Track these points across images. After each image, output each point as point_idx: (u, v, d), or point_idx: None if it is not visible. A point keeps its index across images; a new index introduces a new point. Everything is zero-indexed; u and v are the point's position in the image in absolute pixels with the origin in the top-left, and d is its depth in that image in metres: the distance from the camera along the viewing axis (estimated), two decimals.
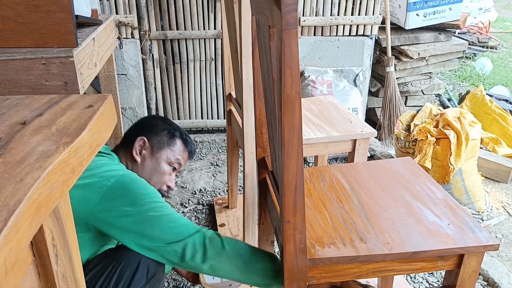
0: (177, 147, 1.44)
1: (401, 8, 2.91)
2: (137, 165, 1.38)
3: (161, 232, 1.09)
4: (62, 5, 1.52)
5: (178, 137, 1.45)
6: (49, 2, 1.52)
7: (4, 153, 0.49)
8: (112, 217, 1.10)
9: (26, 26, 1.56)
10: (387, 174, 1.32)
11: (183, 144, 1.46)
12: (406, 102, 3.12)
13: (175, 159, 1.43)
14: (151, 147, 1.40)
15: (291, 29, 0.77)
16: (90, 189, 1.12)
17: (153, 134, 1.41)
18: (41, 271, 0.51)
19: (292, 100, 0.82)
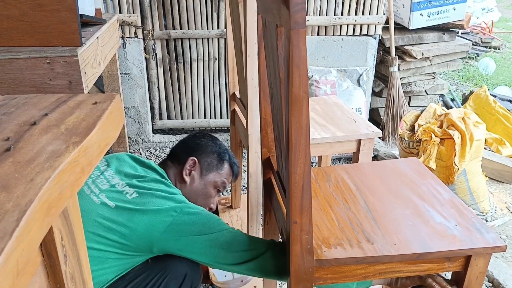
0: (225, 171, 1.44)
1: (405, 8, 2.90)
2: (185, 185, 1.38)
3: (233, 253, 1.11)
4: (67, 4, 1.52)
5: (227, 161, 1.45)
6: (54, 1, 1.52)
7: (14, 152, 0.49)
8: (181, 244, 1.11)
9: (31, 25, 1.56)
10: (393, 175, 1.31)
11: (230, 168, 1.46)
12: (410, 102, 3.11)
13: (221, 182, 1.43)
14: (201, 168, 1.39)
15: (300, 28, 0.76)
16: (156, 217, 1.12)
17: (204, 156, 1.41)
18: (50, 272, 0.50)
19: (300, 100, 0.82)
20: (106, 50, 2.01)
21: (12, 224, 0.36)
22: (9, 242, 0.33)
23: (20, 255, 0.35)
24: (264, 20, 1.04)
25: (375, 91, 3.04)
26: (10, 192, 0.41)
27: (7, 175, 0.44)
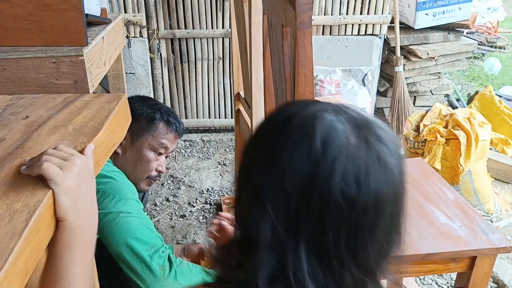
0: (159, 131, 1.35)
1: (410, 7, 2.89)
2: (119, 157, 1.32)
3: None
4: (73, 4, 1.52)
5: (159, 120, 1.35)
6: (60, 1, 1.52)
7: (22, 152, 0.49)
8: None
9: (37, 25, 1.56)
10: None
11: (166, 125, 1.36)
12: (415, 102, 3.10)
13: (158, 144, 1.34)
14: (130, 135, 1.32)
15: (306, 28, 0.76)
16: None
17: (133, 119, 1.36)
18: None
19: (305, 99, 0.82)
20: (111, 50, 2.01)
21: (21, 224, 0.36)
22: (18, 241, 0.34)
23: (29, 255, 0.36)
24: (269, 20, 1.05)
25: (380, 91, 3.03)
26: (18, 192, 0.41)
27: (16, 175, 0.44)
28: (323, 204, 0.47)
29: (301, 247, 0.48)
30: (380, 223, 0.51)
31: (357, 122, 0.49)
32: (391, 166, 0.50)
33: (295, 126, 0.50)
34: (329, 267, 0.49)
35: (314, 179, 0.47)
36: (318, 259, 0.48)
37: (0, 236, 0.34)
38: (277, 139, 0.50)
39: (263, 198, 0.49)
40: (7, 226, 0.36)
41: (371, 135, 0.49)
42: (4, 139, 0.51)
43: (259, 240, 0.48)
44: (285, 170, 0.48)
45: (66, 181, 0.46)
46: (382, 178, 0.49)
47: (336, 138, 0.48)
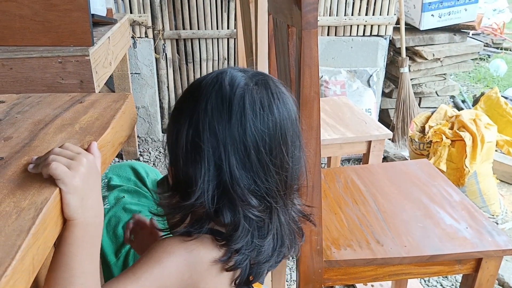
0: None
1: (416, 8, 2.88)
2: None
3: None
4: (79, 4, 1.53)
5: None
6: (66, 1, 1.53)
7: (28, 150, 0.49)
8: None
9: (43, 25, 1.57)
10: (403, 176, 1.30)
11: None
12: (420, 104, 3.09)
13: None
14: None
15: (312, 28, 0.76)
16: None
17: None
18: None
19: (311, 100, 0.82)
20: (117, 50, 2.02)
21: (29, 222, 0.36)
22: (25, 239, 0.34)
23: (36, 253, 0.36)
24: (275, 20, 1.05)
25: (385, 92, 3.02)
26: (25, 190, 0.41)
27: (23, 173, 0.45)
28: (244, 133, 0.61)
29: (235, 174, 0.62)
30: (285, 149, 0.65)
31: (258, 75, 0.67)
32: (288, 101, 0.67)
33: (207, 82, 0.64)
34: (258, 179, 0.64)
35: (229, 117, 0.61)
36: (248, 175, 0.63)
37: (8, 234, 0.35)
38: (195, 95, 0.64)
39: (200, 144, 0.62)
40: (14, 224, 0.36)
41: (270, 82, 0.66)
42: (11, 137, 0.52)
43: (196, 178, 0.62)
44: (204, 114, 0.62)
45: (74, 180, 0.46)
46: (282, 110, 0.65)
47: (240, 82, 0.63)
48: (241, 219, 0.63)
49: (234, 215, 0.63)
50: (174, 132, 0.65)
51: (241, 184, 0.62)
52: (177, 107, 0.66)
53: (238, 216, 0.63)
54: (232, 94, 0.62)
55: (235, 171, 0.62)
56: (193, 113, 0.62)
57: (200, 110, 0.62)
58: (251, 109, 0.62)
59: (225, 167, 0.62)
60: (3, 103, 0.64)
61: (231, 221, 0.63)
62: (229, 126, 0.61)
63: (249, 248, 0.65)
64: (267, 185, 0.64)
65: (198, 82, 0.66)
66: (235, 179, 0.62)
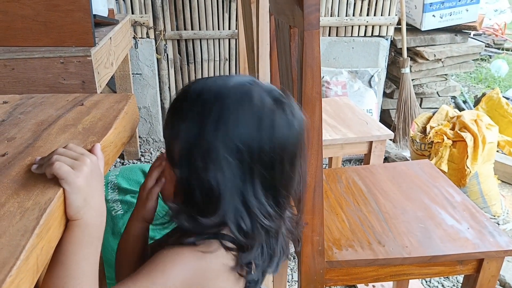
0: None
1: (417, 9, 2.88)
2: None
3: None
4: (81, 5, 1.53)
5: None
6: (68, 2, 1.53)
7: (32, 151, 0.50)
8: None
9: (45, 25, 1.58)
10: (405, 177, 1.30)
11: None
12: (421, 104, 3.09)
13: None
14: None
15: (313, 29, 0.77)
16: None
17: None
18: None
19: (313, 100, 0.82)
20: (118, 50, 2.02)
21: (33, 222, 0.36)
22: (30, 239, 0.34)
23: (39, 253, 0.36)
24: (276, 21, 1.05)
25: (386, 93, 3.02)
26: (29, 191, 0.41)
27: (26, 173, 0.45)
28: (268, 149, 0.63)
29: (258, 188, 0.63)
30: (295, 159, 0.69)
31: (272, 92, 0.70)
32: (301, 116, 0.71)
33: (235, 94, 0.65)
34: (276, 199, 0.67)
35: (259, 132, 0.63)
36: (269, 194, 0.65)
37: (12, 234, 0.35)
38: (222, 105, 0.63)
39: (217, 155, 0.61)
40: (18, 224, 0.36)
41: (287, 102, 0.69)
42: (15, 138, 0.52)
43: (221, 190, 0.61)
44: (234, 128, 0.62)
45: (78, 180, 0.47)
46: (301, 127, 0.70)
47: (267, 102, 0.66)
48: (258, 228, 0.64)
49: (252, 224, 0.64)
50: (195, 133, 0.62)
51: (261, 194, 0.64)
52: (197, 106, 0.64)
53: (255, 225, 0.64)
54: (264, 112, 0.65)
55: (258, 183, 0.64)
56: (220, 118, 0.63)
57: (231, 118, 0.63)
58: (279, 127, 0.66)
59: (248, 177, 0.63)
60: (6, 103, 0.64)
61: (250, 231, 0.64)
62: (259, 139, 0.63)
63: (262, 257, 0.67)
64: (281, 195, 0.67)
65: (223, 87, 0.66)
66: (257, 190, 0.64)
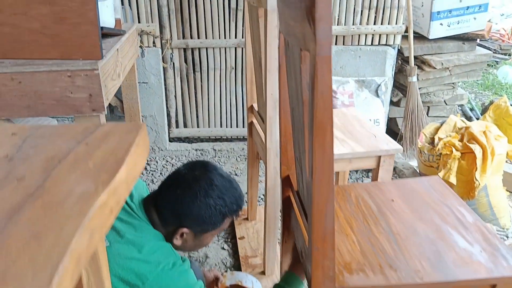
0: (225, 224, 1.29)
1: (425, 17, 2.86)
2: (174, 244, 1.25)
3: None
4: (88, 18, 1.52)
5: (229, 216, 1.27)
6: (75, 15, 1.53)
7: (43, 193, 0.48)
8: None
9: (52, 38, 1.57)
10: (415, 195, 1.29)
11: (234, 216, 1.30)
12: (428, 113, 3.06)
13: (221, 231, 1.30)
14: (193, 234, 1.25)
15: (325, 54, 0.75)
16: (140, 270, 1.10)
17: (198, 223, 1.22)
18: None
19: (324, 125, 0.80)
20: (125, 61, 2.02)
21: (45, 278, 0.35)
22: None
23: None
24: (286, 41, 1.03)
25: (393, 101, 3.00)
26: (40, 242, 0.40)
27: (38, 220, 0.44)
28: None
29: None
30: None
31: None
32: None
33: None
34: None
35: None
36: None
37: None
38: None
39: None
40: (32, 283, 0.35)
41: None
42: (24, 177, 0.51)
43: None
44: None
45: None
46: None
47: None
48: None
49: None
50: None
51: None
52: None
53: None
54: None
55: None
56: None
57: None
58: None
59: None
60: (15, 135, 0.63)
61: None
62: None
63: None
64: None
65: None
66: None
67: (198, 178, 1.22)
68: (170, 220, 1.22)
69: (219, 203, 1.22)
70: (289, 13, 0.89)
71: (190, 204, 1.20)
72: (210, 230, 1.26)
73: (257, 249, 1.91)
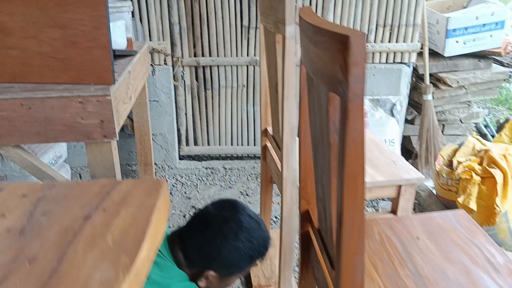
0: (253, 265, 1.28)
1: (440, 34, 2.81)
2: (200, 286, 1.22)
3: None
4: (100, 42, 1.48)
5: (257, 257, 1.25)
6: (87, 39, 1.49)
7: (57, 280, 0.43)
8: None
9: (63, 62, 1.53)
10: (441, 232, 1.22)
11: (260, 258, 1.28)
12: (443, 131, 3.00)
13: (247, 272, 1.30)
14: (219, 276, 1.21)
15: (358, 100, 0.70)
16: None
17: (226, 265, 1.19)
18: None
19: (356, 175, 0.75)
20: (137, 82, 1.98)
21: None
22: None
23: None
24: (310, 76, 0.98)
25: (407, 119, 2.94)
26: None
27: None
28: None
29: None
30: None
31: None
32: None
33: None
34: None
35: None
36: None
37: None
38: None
39: None
40: None
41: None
42: (37, 258, 0.46)
43: None
44: None
45: None
46: None
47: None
48: None
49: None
50: None
51: None
52: None
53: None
54: None
55: None
56: None
57: None
58: None
59: None
60: (25, 197, 0.58)
61: None
62: None
63: None
64: None
65: None
66: None
67: (228, 219, 1.19)
68: (197, 262, 1.19)
69: (248, 246, 1.19)
70: (316, 51, 0.84)
71: (220, 247, 1.16)
72: (236, 273, 1.23)
73: (270, 278, 1.85)
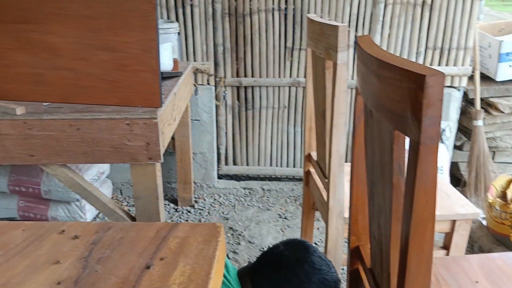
0: None
1: (492, 58, 2.68)
2: None
3: None
4: (149, 66, 1.49)
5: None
6: (136, 62, 1.49)
7: None
8: None
9: (112, 84, 1.54)
10: (502, 275, 1.13)
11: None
12: (494, 158, 2.84)
13: None
14: None
15: (432, 144, 0.64)
16: None
17: None
18: None
19: (425, 222, 0.69)
20: (181, 103, 1.98)
21: None
22: None
23: None
24: (368, 108, 0.93)
25: (456, 145, 2.81)
26: None
27: None
28: None
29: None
30: None
31: None
32: None
33: None
34: None
35: None
36: None
37: None
38: None
39: None
40: None
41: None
42: None
43: None
44: None
45: None
46: None
47: None
48: None
49: None
50: None
51: None
52: None
53: None
54: None
55: None
56: None
57: None
58: None
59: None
60: (78, 239, 0.56)
61: None
62: None
63: None
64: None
65: None
66: None
67: (301, 261, 1.19)
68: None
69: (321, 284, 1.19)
70: (380, 86, 0.79)
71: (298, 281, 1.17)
72: None
73: None
